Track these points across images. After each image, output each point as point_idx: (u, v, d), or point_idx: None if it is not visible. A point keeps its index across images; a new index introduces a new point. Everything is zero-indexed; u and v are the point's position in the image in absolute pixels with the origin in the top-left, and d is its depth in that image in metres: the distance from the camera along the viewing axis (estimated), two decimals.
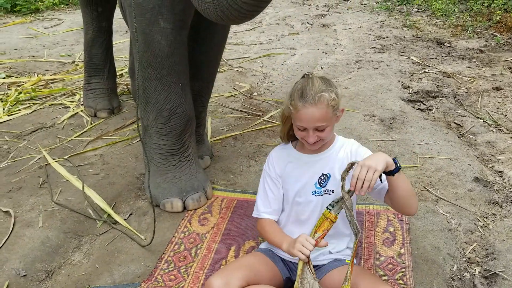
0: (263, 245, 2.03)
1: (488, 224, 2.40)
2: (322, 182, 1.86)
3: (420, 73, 4.45)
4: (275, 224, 1.95)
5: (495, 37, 5.36)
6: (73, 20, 6.81)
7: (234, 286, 1.68)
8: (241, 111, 3.75)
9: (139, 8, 2.15)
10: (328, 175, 1.85)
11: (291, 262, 1.91)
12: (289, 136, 1.95)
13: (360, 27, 6.27)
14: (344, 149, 1.87)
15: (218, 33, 2.61)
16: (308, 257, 1.69)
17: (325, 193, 1.86)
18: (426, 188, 2.66)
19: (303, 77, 1.80)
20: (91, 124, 3.53)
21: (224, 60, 4.92)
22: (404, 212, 1.81)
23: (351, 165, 1.69)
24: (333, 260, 1.87)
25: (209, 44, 2.61)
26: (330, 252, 1.89)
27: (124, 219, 2.45)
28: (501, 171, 2.84)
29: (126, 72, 4.53)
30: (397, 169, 1.65)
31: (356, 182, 1.58)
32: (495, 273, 2.07)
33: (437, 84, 4.16)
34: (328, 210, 1.74)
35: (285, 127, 1.91)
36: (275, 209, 1.95)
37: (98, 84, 3.67)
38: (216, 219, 2.44)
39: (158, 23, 2.17)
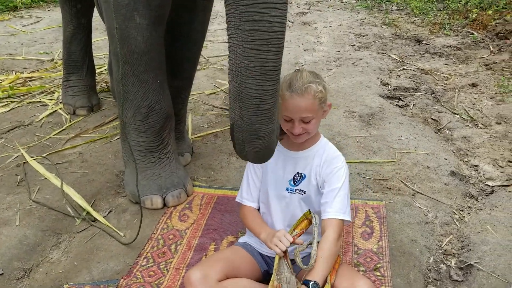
0: (241, 239, 2.05)
1: (464, 216, 2.45)
2: (296, 180, 1.89)
3: (399, 70, 4.51)
4: (256, 212, 2.00)
5: (471, 35, 5.46)
6: (52, 18, 6.71)
7: (213, 279, 1.69)
8: (222, 108, 3.75)
9: (114, 4, 2.13)
10: (303, 175, 1.88)
11: (268, 256, 1.93)
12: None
13: (341, 25, 6.32)
14: (323, 156, 1.87)
15: (196, 29, 2.61)
16: (285, 252, 1.71)
17: (297, 192, 1.89)
18: (403, 182, 2.70)
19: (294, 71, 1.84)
20: (70, 122, 3.49)
21: (205, 58, 4.92)
22: None
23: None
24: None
25: (187, 40, 2.60)
26: (307, 247, 1.90)
27: (103, 217, 2.43)
28: (476, 165, 2.90)
29: (105, 69, 4.49)
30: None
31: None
32: (470, 264, 2.12)
33: (415, 81, 4.23)
34: (309, 211, 1.78)
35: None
36: (256, 198, 2.00)
37: (77, 81, 3.63)
38: (196, 215, 2.44)
39: (134, 19, 2.16)
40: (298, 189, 1.89)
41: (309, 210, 1.78)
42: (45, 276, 2.07)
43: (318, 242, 1.72)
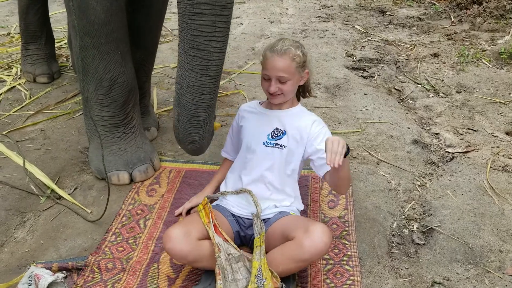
0: (213, 204, 2.09)
1: (426, 183, 2.54)
2: (275, 135, 1.99)
3: (363, 41, 4.55)
4: (222, 168, 2.28)
5: (433, 5, 5.54)
6: None
7: (193, 236, 1.74)
8: None
9: None
10: (284, 131, 1.97)
11: (240, 217, 1.98)
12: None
13: None
14: (304, 117, 2.01)
15: None
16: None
17: (277, 147, 1.97)
18: (368, 152, 2.77)
19: None
20: (30, 98, 3.38)
21: (169, 30, 4.81)
22: (337, 190, 1.98)
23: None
24: (278, 213, 1.96)
25: (148, 10, 2.54)
26: (275, 206, 1.98)
27: (69, 194, 2.39)
28: (437, 133, 2.99)
29: (65, 43, 4.33)
30: (348, 152, 1.69)
31: (331, 155, 1.61)
32: (431, 228, 2.21)
33: (379, 52, 4.28)
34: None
35: None
36: (229, 151, 2.25)
37: (36, 50, 3.57)
38: (165, 189, 2.43)
39: None
40: (278, 144, 1.97)
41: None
42: (11, 255, 2.03)
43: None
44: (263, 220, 1.93)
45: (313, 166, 1.97)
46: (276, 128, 2.00)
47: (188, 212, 2.21)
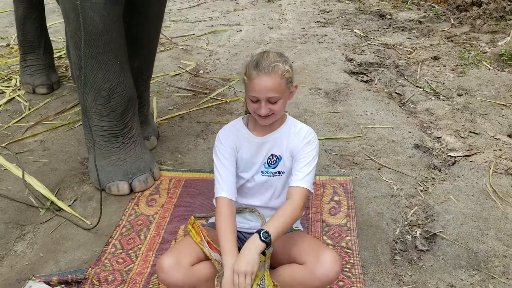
0: (212, 220, 2.03)
1: (428, 188, 2.51)
2: (271, 162, 1.86)
3: (363, 46, 4.54)
4: (229, 211, 1.77)
5: (433, 8, 5.52)
6: (5, 1, 6.40)
7: (186, 264, 1.68)
8: (187, 89, 3.70)
9: None
10: (279, 157, 1.85)
11: (240, 232, 1.93)
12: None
13: (305, 1, 6.29)
14: (295, 133, 1.84)
15: (154, 6, 2.54)
16: None
17: (276, 175, 1.86)
18: (369, 157, 2.74)
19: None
20: (29, 109, 3.37)
21: (168, 38, 4.81)
22: None
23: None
24: None
25: (145, 19, 2.53)
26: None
27: (69, 205, 2.38)
28: (439, 137, 2.97)
29: (64, 54, 4.33)
30: (269, 244, 1.63)
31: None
32: (434, 233, 2.18)
33: (379, 55, 4.26)
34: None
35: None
36: (230, 187, 1.80)
37: (35, 60, 3.57)
38: (164, 199, 2.41)
39: None
40: (276, 172, 1.85)
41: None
42: (10, 269, 2.02)
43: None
44: None
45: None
46: (272, 155, 1.84)
47: None
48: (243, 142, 1.86)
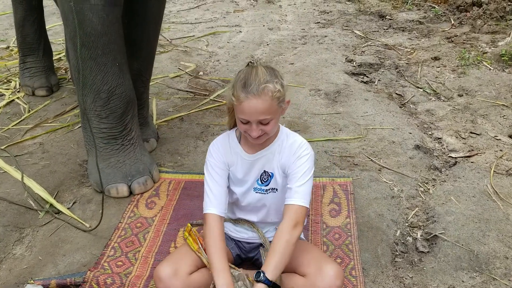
0: None
1: (429, 189, 2.50)
2: (264, 179, 1.79)
3: (363, 46, 4.53)
4: (218, 227, 1.71)
5: (433, 9, 5.52)
6: (5, 3, 6.40)
7: (184, 273, 1.66)
8: (187, 91, 3.69)
9: None
10: (271, 174, 1.79)
11: (239, 241, 1.92)
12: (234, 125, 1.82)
13: (305, 2, 6.28)
14: (286, 147, 1.75)
15: (152, 7, 2.53)
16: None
17: (269, 192, 1.80)
18: (369, 158, 2.73)
19: (247, 65, 1.67)
20: (28, 111, 3.37)
21: (168, 40, 4.81)
22: None
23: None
24: None
25: (144, 20, 2.53)
26: (275, 229, 1.88)
27: (68, 208, 2.37)
28: (440, 138, 2.96)
29: (64, 56, 4.33)
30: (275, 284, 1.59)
31: None
32: (435, 235, 2.17)
33: (379, 56, 4.25)
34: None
35: (231, 119, 1.77)
36: (220, 203, 1.74)
37: (34, 62, 3.57)
38: (164, 201, 2.40)
39: (88, 0, 2.07)
40: (269, 189, 1.79)
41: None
42: (9, 273, 2.00)
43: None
44: (261, 244, 1.87)
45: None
46: (264, 172, 1.76)
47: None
48: (235, 158, 1.78)
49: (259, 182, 1.79)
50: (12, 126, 3.17)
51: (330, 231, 2.17)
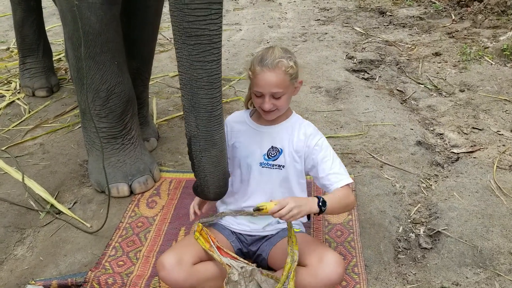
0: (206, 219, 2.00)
1: (431, 185, 2.48)
2: (271, 154, 1.84)
3: (364, 43, 4.51)
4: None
5: (433, 4, 5.49)
6: (5, 5, 6.40)
7: (187, 262, 1.67)
8: None
9: None
10: (280, 150, 1.83)
11: (241, 234, 1.91)
12: (251, 104, 1.93)
13: None
14: (300, 131, 1.84)
15: (151, 6, 2.52)
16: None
17: (275, 168, 1.84)
18: (371, 155, 2.72)
19: None
20: (29, 112, 3.36)
21: (168, 39, 4.80)
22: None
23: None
24: (282, 230, 1.88)
25: (143, 19, 2.52)
26: (278, 222, 1.89)
27: (68, 208, 2.36)
28: (442, 133, 2.94)
29: (64, 56, 4.32)
30: (322, 211, 1.64)
31: (279, 212, 1.58)
32: (438, 231, 2.15)
33: (380, 53, 4.23)
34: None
35: (249, 94, 1.89)
36: None
37: (34, 63, 3.57)
38: (165, 201, 2.39)
39: None
40: (276, 165, 1.83)
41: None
42: (10, 273, 2.00)
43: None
44: (265, 237, 1.88)
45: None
46: (272, 147, 1.84)
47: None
48: (244, 127, 1.89)
49: (266, 157, 1.84)
50: (13, 127, 3.17)
51: (332, 228, 2.16)
